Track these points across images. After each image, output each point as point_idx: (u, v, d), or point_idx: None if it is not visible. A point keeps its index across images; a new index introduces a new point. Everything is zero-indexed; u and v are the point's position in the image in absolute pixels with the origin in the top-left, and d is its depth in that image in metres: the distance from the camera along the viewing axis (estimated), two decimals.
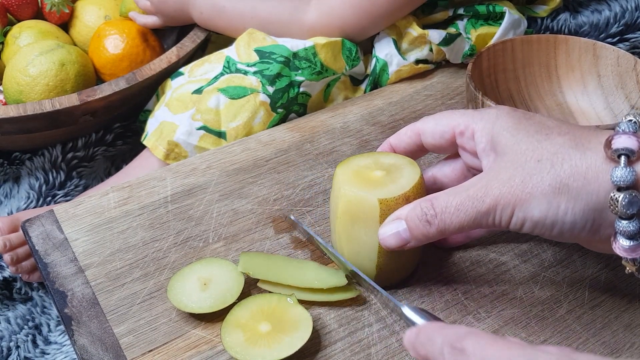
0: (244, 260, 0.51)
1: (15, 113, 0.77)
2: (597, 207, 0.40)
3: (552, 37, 0.67)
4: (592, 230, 0.41)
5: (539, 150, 0.42)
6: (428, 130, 0.49)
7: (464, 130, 0.47)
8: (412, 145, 0.50)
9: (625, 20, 0.82)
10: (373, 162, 0.50)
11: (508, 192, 0.42)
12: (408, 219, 0.45)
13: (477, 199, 0.42)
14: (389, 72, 0.76)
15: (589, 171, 0.40)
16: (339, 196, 0.48)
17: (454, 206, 0.43)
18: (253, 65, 0.72)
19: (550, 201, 0.41)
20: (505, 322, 0.49)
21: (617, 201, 0.39)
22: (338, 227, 0.49)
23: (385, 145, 0.52)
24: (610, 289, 0.51)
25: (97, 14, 0.98)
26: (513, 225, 0.42)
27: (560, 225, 0.41)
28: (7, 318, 0.82)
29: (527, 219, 0.41)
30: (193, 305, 0.48)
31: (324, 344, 0.47)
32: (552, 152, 0.41)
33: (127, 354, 0.47)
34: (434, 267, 0.53)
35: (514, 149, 0.43)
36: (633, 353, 0.47)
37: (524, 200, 0.41)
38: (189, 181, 0.62)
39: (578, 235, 0.41)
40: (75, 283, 0.52)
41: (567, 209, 0.40)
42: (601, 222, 0.41)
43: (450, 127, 0.48)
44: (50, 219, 0.58)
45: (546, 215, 0.41)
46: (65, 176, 0.88)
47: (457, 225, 0.43)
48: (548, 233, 0.42)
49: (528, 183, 0.41)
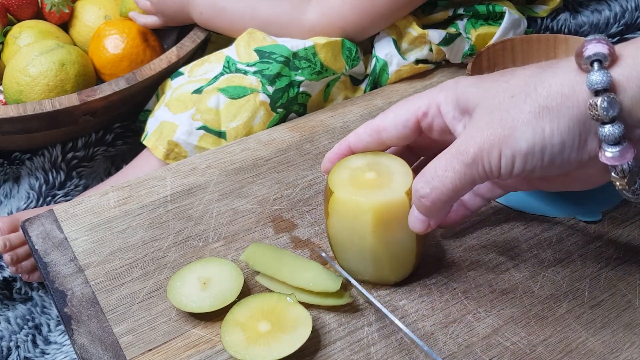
0: (249, 251, 0.51)
1: (15, 113, 0.77)
2: (580, 119, 0.39)
3: (552, 37, 0.67)
4: (580, 147, 0.40)
5: (509, 89, 0.41)
6: (389, 123, 0.48)
7: (426, 110, 0.46)
8: (373, 143, 0.49)
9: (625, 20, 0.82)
10: (368, 164, 0.49)
11: (490, 134, 0.41)
12: (414, 202, 0.45)
13: (461, 152, 0.42)
14: (389, 72, 0.76)
15: (564, 86, 0.39)
16: (364, 211, 0.46)
17: (442, 168, 0.43)
18: (253, 65, 0.72)
19: (534, 127, 0.40)
20: (505, 322, 0.49)
21: (597, 105, 0.38)
22: (373, 240, 0.47)
23: (344, 145, 0.50)
24: (610, 288, 0.51)
25: (97, 14, 0.98)
26: (504, 167, 0.41)
27: (550, 149, 0.40)
28: (7, 318, 0.82)
29: (516, 154, 0.40)
30: (193, 305, 0.48)
31: (323, 343, 0.47)
32: (523, 84, 0.41)
33: (126, 353, 0.47)
34: (434, 267, 0.53)
35: (484, 97, 0.42)
36: (633, 352, 0.47)
37: (507, 136, 0.40)
38: (188, 181, 0.62)
39: (569, 158, 0.40)
40: (75, 282, 0.52)
41: (553, 130, 0.39)
42: (587, 136, 0.40)
43: (412, 113, 0.47)
44: (50, 219, 0.58)
45: (533, 142, 0.40)
46: (65, 176, 0.88)
47: (451, 187, 0.43)
48: (540, 165, 0.41)
49: (507, 119, 0.40)
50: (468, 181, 0.43)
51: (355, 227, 0.47)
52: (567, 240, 0.55)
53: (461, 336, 0.48)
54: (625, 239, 0.55)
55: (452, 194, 0.43)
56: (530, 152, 0.40)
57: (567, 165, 0.41)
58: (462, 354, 0.47)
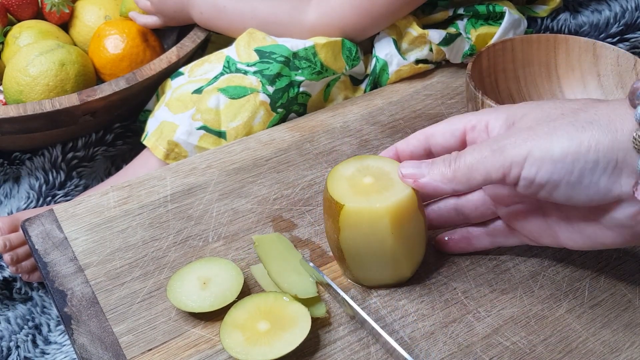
0: (264, 237, 0.53)
1: (15, 113, 0.77)
2: (621, 147, 0.39)
3: (552, 37, 0.67)
4: (613, 175, 0.39)
5: (561, 108, 0.42)
6: (438, 131, 0.48)
7: (475, 124, 0.46)
8: (419, 148, 0.49)
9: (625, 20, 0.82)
10: (359, 170, 0.49)
11: (526, 135, 0.41)
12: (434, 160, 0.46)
13: (494, 140, 0.42)
14: (389, 72, 0.76)
15: (613, 113, 0.39)
16: (381, 216, 0.46)
17: (472, 147, 0.43)
18: (253, 65, 0.72)
19: (573, 137, 0.39)
20: (504, 321, 0.49)
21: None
22: (392, 242, 0.47)
23: (391, 150, 0.50)
24: (610, 288, 0.51)
25: (97, 14, 0.98)
26: (527, 170, 0.41)
27: (582, 164, 0.39)
28: (7, 318, 0.82)
29: (546, 158, 0.40)
30: (193, 305, 0.48)
31: (323, 342, 0.47)
32: (576, 108, 0.41)
33: (126, 353, 0.47)
34: (433, 267, 0.53)
35: (533, 110, 0.42)
36: (633, 352, 0.47)
37: (542, 137, 0.40)
38: (188, 180, 0.62)
39: (598, 183, 0.40)
40: (75, 282, 0.52)
41: (590, 146, 0.39)
42: (623, 167, 0.39)
43: (462, 125, 0.47)
44: (50, 219, 0.58)
45: (567, 151, 0.39)
46: (65, 176, 0.88)
47: (469, 163, 0.43)
48: (567, 179, 0.40)
49: (548, 124, 0.40)
50: (484, 168, 0.42)
51: (373, 234, 0.46)
52: None
53: (461, 336, 0.48)
54: None
55: (465, 172, 0.43)
56: (561, 161, 0.40)
57: (595, 191, 0.40)
58: (462, 353, 0.47)
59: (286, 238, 0.55)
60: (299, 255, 0.53)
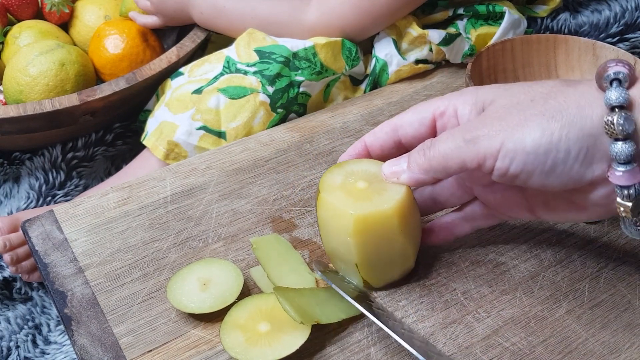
0: (263, 239, 0.53)
1: (15, 113, 0.77)
2: (591, 133, 0.39)
3: (552, 37, 0.67)
4: (585, 161, 0.40)
5: (530, 92, 0.42)
6: (406, 121, 0.47)
7: (444, 109, 0.46)
8: (389, 142, 0.48)
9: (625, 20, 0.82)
10: (346, 176, 0.49)
11: (498, 124, 0.41)
12: (410, 153, 0.46)
13: (467, 129, 0.42)
14: (389, 72, 0.76)
15: (582, 99, 0.40)
16: (388, 216, 0.46)
17: (445, 135, 0.43)
18: (253, 65, 0.72)
19: (545, 128, 0.39)
20: (504, 322, 0.49)
21: (613, 121, 0.38)
22: (404, 239, 0.47)
23: (360, 144, 0.50)
24: (610, 289, 0.51)
25: (97, 14, 0.98)
26: (501, 160, 0.41)
27: (554, 153, 0.39)
28: (7, 318, 0.82)
29: (519, 150, 0.40)
30: (193, 306, 0.48)
31: (323, 344, 0.47)
32: (544, 92, 0.41)
33: (126, 354, 0.47)
34: (433, 267, 0.53)
35: (502, 94, 0.43)
36: (633, 353, 0.47)
37: (515, 130, 0.40)
38: (188, 181, 0.62)
39: (571, 169, 0.40)
40: (75, 283, 0.52)
41: (562, 135, 0.39)
42: (595, 152, 0.39)
43: (430, 112, 0.46)
44: (50, 219, 0.58)
45: (539, 143, 0.40)
46: (65, 176, 0.88)
47: (441, 154, 0.43)
48: (541, 169, 0.40)
49: (520, 115, 0.40)
50: (459, 158, 0.42)
51: (384, 235, 0.47)
52: (567, 241, 0.55)
53: (461, 337, 0.48)
54: (626, 239, 0.55)
55: (441, 160, 0.43)
56: (533, 152, 0.40)
57: (568, 177, 0.41)
58: (461, 354, 0.47)
59: (284, 239, 0.55)
60: (297, 255, 0.53)
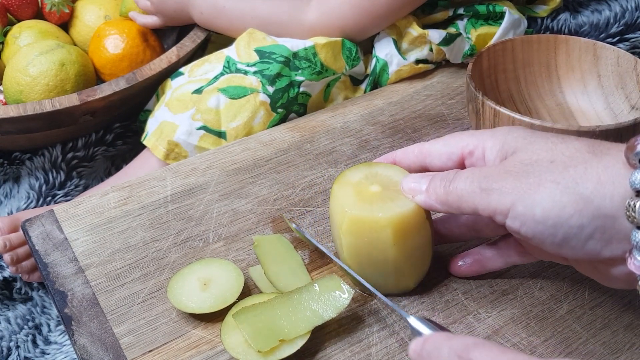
0: (265, 238, 0.53)
1: (15, 113, 0.77)
2: (610, 213, 0.36)
3: (552, 37, 0.67)
4: (602, 241, 0.37)
5: (553, 151, 0.39)
6: (435, 152, 0.47)
7: (473, 149, 0.44)
8: (417, 164, 0.48)
9: (625, 20, 0.82)
10: (367, 177, 0.48)
11: (512, 183, 0.39)
12: (433, 177, 0.45)
13: (484, 175, 0.41)
14: (389, 72, 0.76)
15: (604, 173, 0.37)
16: (382, 226, 0.45)
17: (466, 175, 0.42)
18: (253, 65, 0.72)
19: (556, 201, 0.37)
20: (505, 322, 0.49)
21: (635, 207, 0.35)
22: (395, 252, 0.46)
23: (391, 157, 0.50)
24: (610, 289, 0.51)
25: (97, 14, 0.98)
26: (511, 221, 0.40)
27: (565, 228, 0.38)
28: (7, 318, 0.82)
29: (528, 216, 0.38)
30: (193, 306, 0.48)
31: (324, 344, 0.47)
32: (568, 155, 0.39)
33: (127, 354, 0.47)
34: (433, 268, 0.53)
35: (526, 148, 0.41)
36: (633, 353, 0.47)
37: (526, 192, 0.38)
38: (189, 181, 0.62)
39: (585, 245, 0.38)
40: (75, 283, 0.52)
41: (575, 211, 0.37)
42: (613, 234, 0.37)
43: (459, 148, 0.45)
44: (50, 219, 0.58)
45: (548, 215, 0.38)
46: (65, 176, 0.88)
47: (457, 194, 0.42)
48: (552, 240, 0.39)
49: (535, 179, 0.38)
50: (473, 203, 0.41)
51: (375, 243, 0.46)
52: None
53: None
54: None
55: (456, 199, 0.42)
56: (542, 223, 0.38)
57: (583, 252, 0.39)
58: None
59: (287, 240, 0.55)
60: (297, 257, 0.53)
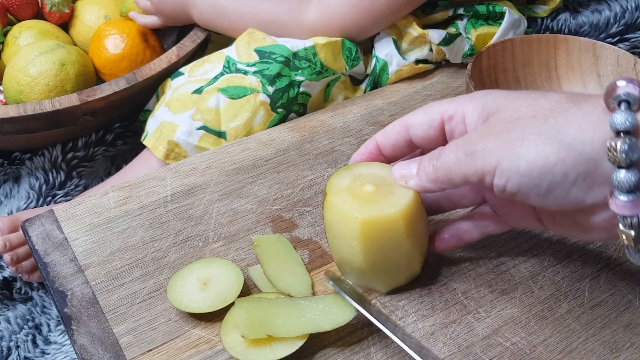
0: (265, 238, 0.53)
1: (15, 113, 0.77)
2: (592, 157, 0.37)
3: (552, 37, 0.67)
4: (585, 187, 0.38)
5: (533, 106, 0.40)
6: (416, 121, 0.47)
7: (453, 114, 0.45)
8: (400, 140, 0.48)
9: (625, 20, 0.82)
10: (353, 180, 0.48)
11: (496, 141, 0.40)
12: (421, 159, 0.45)
13: (468, 142, 0.41)
14: (389, 72, 0.76)
15: (585, 120, 0.38)
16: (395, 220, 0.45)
17: (450, 147, 0.43)
18: (253, 65, 0.72)
19: (540, 151, 0.38)
20: (504, 322, 0.49)
21: (616, 147, 0.36)
22: (410, 243, 0.47)
23: (371, 143, 0.49)
24: (610, 288, 0.51)
25: (97, 14, 0.98)
26: (498, 179, 0.40)
27: (550, 177, 0.38)
28: (7, 318, 0.82)
29: (513, 170, 0.39)
30: (193, 305, 0.48)
31: (323, 343, 0.47)
32: (548, 108, 0.40)
33: (126, 354, 0.47)
34: (433, 267, 0.53)
35: (507, 106, 0.41)
36: (633, 352, 0.47)
37: (511, 150, 0.39)
38: (188, 181, 0.62)
39: (569, 193, 0.39)
40: (75, 283, 0.52)
41: (558, 159, 0.38)
42: (595, 178, 0.38)
43: (439, 114, 0.46)
44: (50, 219, 0.58)
45: (533, 166, 0.38)
46: (65, 176, 0.88)
47: (447, 165, 0.42)
48: (537, 191, 0.39)
49: (517, 134, 0.39)
50: (461, 171, 0.42)
51: (390, 239, 0.46)
52: (567, 240, 0.55)
53: (461, 336, 0.48)
54: None
55: (445, 173, 0.43)
56: (528, 175, 0.39)
57: (566, 201, 0.39)
58: (462, 354, 0.47)
59: (287, 240, 0.55)
60: (297, 257, 0.53)
